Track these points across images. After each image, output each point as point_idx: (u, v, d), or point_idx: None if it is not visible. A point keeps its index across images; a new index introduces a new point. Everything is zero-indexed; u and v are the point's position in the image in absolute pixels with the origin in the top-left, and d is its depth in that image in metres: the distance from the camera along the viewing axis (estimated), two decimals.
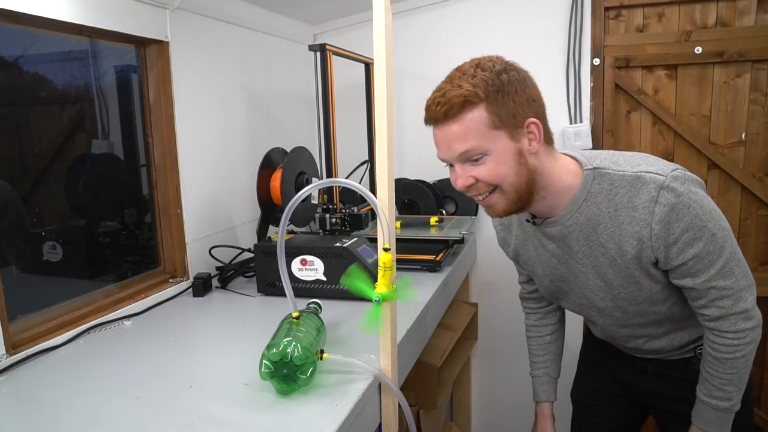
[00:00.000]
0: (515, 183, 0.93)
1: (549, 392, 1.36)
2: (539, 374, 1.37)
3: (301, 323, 0.97)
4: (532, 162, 0.94)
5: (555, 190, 0.98)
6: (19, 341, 1.10)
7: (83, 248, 1.46)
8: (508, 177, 0.93)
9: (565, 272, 1.09)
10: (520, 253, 1.19)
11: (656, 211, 0.92)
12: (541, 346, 1.36)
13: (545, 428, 1.36)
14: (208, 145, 1.62)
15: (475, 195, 0.97)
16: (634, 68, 1.89)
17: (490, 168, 0.92)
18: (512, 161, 0.92)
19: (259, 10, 1.83)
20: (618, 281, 1.03)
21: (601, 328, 1.19)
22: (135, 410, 0.90)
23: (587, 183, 0.98)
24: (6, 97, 1.26)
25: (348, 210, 1.66)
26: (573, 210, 0.99)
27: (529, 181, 0.94)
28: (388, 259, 0.90)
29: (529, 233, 1.13)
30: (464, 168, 0.94)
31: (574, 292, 1.12)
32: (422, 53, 2.10)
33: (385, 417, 1.02)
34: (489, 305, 2.19)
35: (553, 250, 1.08)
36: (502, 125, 0.90)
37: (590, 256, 1.03)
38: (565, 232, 1.02)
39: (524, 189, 0.95)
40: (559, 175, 0.98)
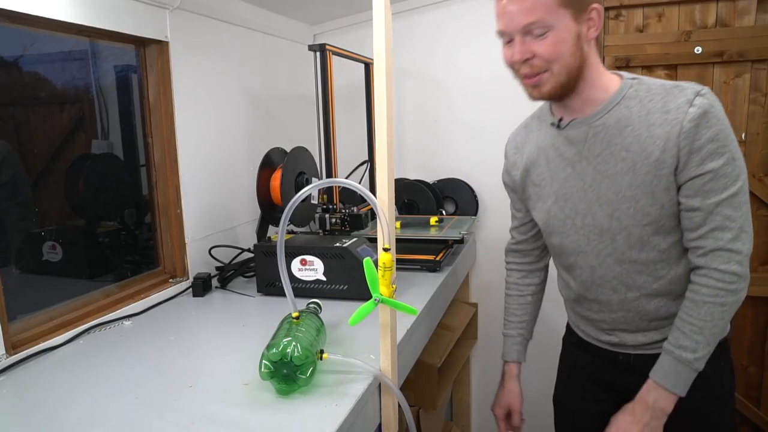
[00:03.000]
0: (568, 64, 0.96)
1: (520, 353, 1.35)
2: (513, 334, 1.35)
3: (301, 323, 0.97)
4: (586, 49, 0.98)
5: (594, 86, 1.01)
6: (18, 341, 1.10)
7: (83, 248, 1.46)
8: (564, 56, 0.96)
9: (574, 186, 1.07)
10: (529, 173, 1.16)
11: (690, 111, 0.93)
12: (520, 305, 1.34)
13: (512, 388, 1.34)
14: (208, 146, 1.62)
15: (526, 72, 0.98)
16: (634, 68, 1.89)
17: (550, 44, 0.94)
18: (571, 42, 0.95)
19: (259, 10, 1.83)
20: (630, 192, 1.01)
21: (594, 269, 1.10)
22: (135, 410, 0.90)
23: (624, 88, 1.01)
24: (6, 97, 1.26)
25: (348, 210, 1.66)
26: (603, 111, 1.01)
27: (579, 66, 0.98)
28: (388, 259, 0.90)
29: (546, 144, 1.11)
30: (524, 41, 0.96)
31: (578, 212, 1.08)
32: (422, 53, 2.10)
33: (385, 417, 1.02)
34: (489, 305, 2.19)
35: (570, 157, 1.07)
36: (569, 5, 0.94)
37: (609, 162, 1.02)
38: (590, 133, 1.03)
39: (573, 73, 0.98)
40: (600, 73, 1.02)
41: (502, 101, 2.03)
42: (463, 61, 2.05)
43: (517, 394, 1.34)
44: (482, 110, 2.06)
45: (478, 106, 2.06)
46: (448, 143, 2.12)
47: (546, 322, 2.13)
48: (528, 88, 1.02)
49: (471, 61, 2.04)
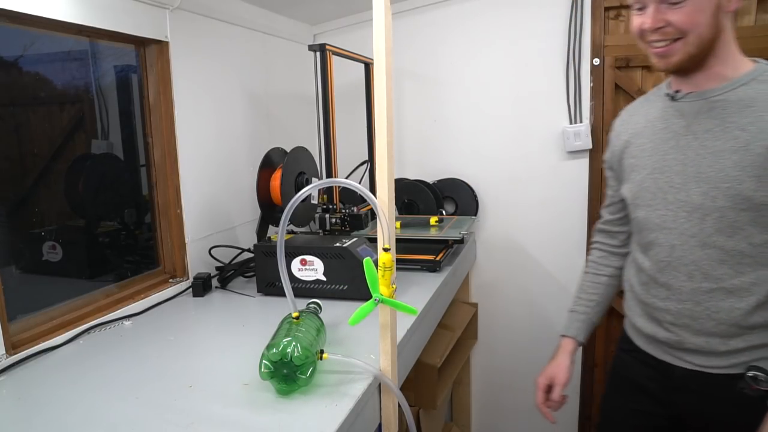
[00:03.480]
0: (703, 35, 0.93)
1: (580, 330, 1.29)
2: (579, 311, 1.30)
3: (301, 323, 0.97)
4: (723, 21, 0.95)
5: (723, 63, 0.98)
6: (18, 341, 1.10)
7: (83, 248, 1.46)
8: (700, 27, 0.93)
9: (674, 159, 1.04)
10: (629, 145, 1.13)
11: None
12: (594, 284, 1.30)
13: (561, 361, 1.27)
14: (208, 146, 1.62)
15: (657, 40, 0.96)
16: (634, 68, 1.89)
17: (687, 12, 0.92)
18: (709, 12, 0.92)
19: (259, 10, 1.83)
20: (735, 172, 0.96)
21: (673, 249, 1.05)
22: (135, 410, 0.90)
23: (756, 71, 0.98)
24: (6, 97, 1.26)
25: (348, 210, 1.66)
26: (726, 88, 0.98)
27: (713, 38, 0.95)
28: (388, 259, 0.90)
29: (655, 116, 1.09)
30: (660, 9, 0.94)
31: (672, 186, 1.04)
32: (422, 53, 2.10)
33: (385, 417, 1.02)
34: (489, 305, 2.19)
35: (677, 130, 1.04)
36: None
37: (719, 138, 0.98)
38: (705, 107, 1.00)
39: (705, 46, 0.95)
40: (733, 52, 0.99)
41: (502, 101, 2.03)
42: (463, 61, 2.05)
43: (564, 368, 1.27)
44: (482, 110, 2.06)
45: (478, 106, 2.06)
46: (448, 143, 2.12)
47: (551, 324, 2.13)
48: (654, 57, 0.99)
49: (471, 61, 2.04)
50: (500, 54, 2.00)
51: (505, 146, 2.05)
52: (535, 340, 2.16)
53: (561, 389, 1.26)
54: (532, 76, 1.97)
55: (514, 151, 2.04)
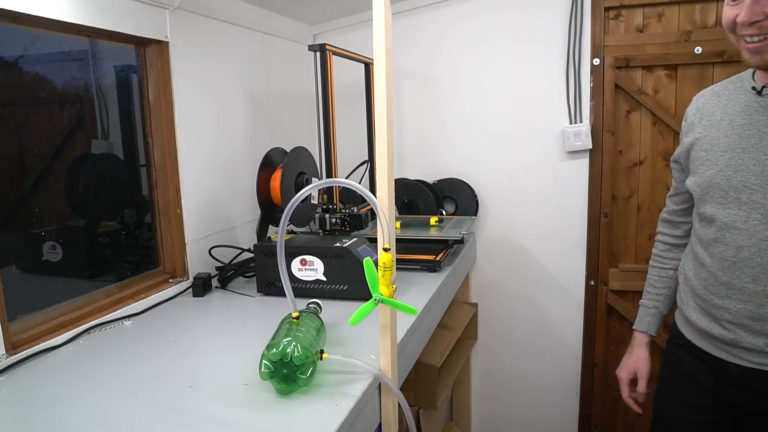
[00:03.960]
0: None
1: (652, 324, 1.30)
2: (649, 305, 1.31)
3: (301, 323, 0.97)
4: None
5: None
6: (18, 341, 1.10)
7: (83, 248, 1.46)
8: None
9: (753, 158, 1.00)
10: (703, 136, 1.10)
11: None
12: (661, 278, 1.29)
13: (641, 355, 1.29)
14: (208, 145, 1.62)
15: (752, 35, 0.91)
16: (634, 68, 1.89)
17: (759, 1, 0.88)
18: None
19: (259, 10, 1.83)
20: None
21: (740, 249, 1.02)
22: (135, 410, 0.90)
23: None
24: (6, 97, 1.26)
25: (348, 210, 1.66)
26: None
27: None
28: (388, 259, 0.90)
29: (736, 110, 1.05)
30: (758, 1, 0.89)
31: (747, 186, 1.01)
32: (422, 53, 2.10)
33: (385, 417, 1.02)
34: (489, 305, 2.19)
35: (761, 127, 1.00)
36: None
37: None
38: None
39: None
40: None
41: (502, 101, 2.03)
42: (463, 61, 2.05)
43: (644, 360, 1.29)
44: (482, 110, 2.06)
45: (478, 106, 2.06)
46: (448, 143, 2.12)
47: (551, 324, 2.13)
48: (747, 53, 0.94)
49: (471, 61, 2.04)
50: (500, 54, 2.00)
51: (505, 146, 2.05)
52: (535, 340, 2.16)
53: (646, 381, 1.29)
54: (532, 76, 1.97)
55: (514, 151, 2.04)
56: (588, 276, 2.04)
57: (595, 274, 2.02)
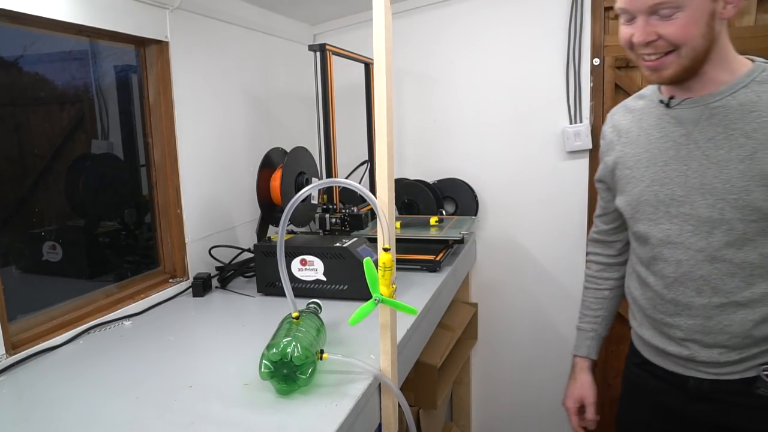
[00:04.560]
0: (697, 47, 0.88)
1: (591, 348, 1.28)
2: (586, 328, 1.29)
3: (301, 323, 0.97)
4: (718, 28, 0.89)
5: (719, 67, 0.92)
6: (18, 341, 1.10)
7: (83, 248, 1.46)
8: (695, 39, 0.87)
9: (675, 170, 0.98)
10: (624, 154, 1.07)
11: None
12: (596, 300, 1.27)
13: (585, 380, 1.27)
14: (208, 145, 1.62)
15: (648, 54, 0.91)
16: (634, 68, 1.89)
17: (680, 25, 0.86)
18: (703, 22, 0.86)
19: (259, 10, 1.83)
20: (743, 182, 0.91)
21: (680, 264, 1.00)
22: (135, 410, 0.90)
23: (755, 71, 0.92)
24: (6, 97, 1.26)
25: (348, 210, 1.66)
26: (726, 92, 0.92)
27: (708, 48, 0.89)
28: (388, 259, 0.90)
29: (650, 124, 1.03)
30: (649, 22, 0.88)
31: (675, 198, 0.99)
32: (422, 53, 2.10)
33: (385, 417, 1.02)
34: (489, 305, 2.19)
35: (676, 139, 0.98)
36: None
37: (722, 147, 0.92)
38: (705, 114, 0.94)
39: (700, 57, 0.89)
40: (728, 52, 0.93)
41: (502, 101, 2.03)
42: (463, 61, 2.05)
43: (588, 386, 1.26)
44: (482, 110, 2.06)
45: (478, 106, 2.06)
46: (448, 143, 2.12)
47: (551, 324, 2.13)
48: (646, 70, 0.94)
49: (471, 61, 2.04)
50: (500, 54, 2.00)
51: (505, 146, 2.05)
52: (535, 340, 2.16)
53: (594, 408, 1.26)
54: (532, 76, 1.97)
55: (514, 151, 2.04)
56: None
57: None
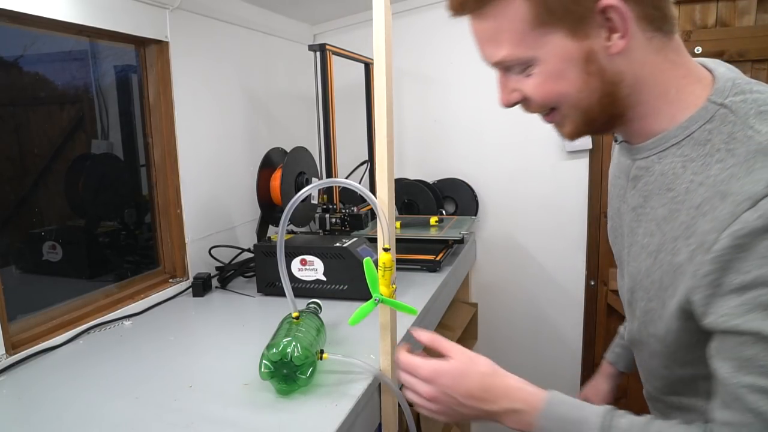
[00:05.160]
0: (580, 103, 0.64)
1: (618, 357, 1.12)
2: (621, 332, 1.14)
3: (300, 323, 0.97)
4: (614, 67, 0.61)
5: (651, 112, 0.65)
6: (18, 341, 1.10)
7: (83, 248, 1.46)
8: (567, 96, 0.64)
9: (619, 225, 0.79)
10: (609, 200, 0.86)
11: (744, 217, 0.54)
12: None
13: (598, 386, 1.13)
14: (208, 145, 1.62)
15: (532, 112, 0.72)
16: None
17: (537, 83, 0.64)
18: (574, 72, 0.62)
19: (259, 10, 1.83)
20: (647, 281, 0.69)
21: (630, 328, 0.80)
22: (134, 410, 0.90)
23: (696, 120, 0.62)
24: (6, 97, 1.26)
25: (348, 210, 1.66)
26: (653, 149, 0.66)
27: (605, 96, 0.63)
28: (388, 259, 0.90)
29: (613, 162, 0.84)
30: (507, 78, 0.69)
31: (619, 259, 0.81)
32: (422, 53, 2.10)
33: (385, 417, 1.02)
34: (489, 305, 2.19)
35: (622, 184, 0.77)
36: (554, 20, 0.60)
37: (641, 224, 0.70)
38: (633, 172, 0.71)
39: (595, 109, 0.64)
40: (666, 92, 0.63)
41: None
42: (462, 60, 2.05)
43: (598, 391, 1.13)
44: (482, 110, 2.06)
45: (478, 106, 2.06)
46: (448, 143, 2.12)
47: (551, 324, 2.13)
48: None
49: (471, 61, 2.04)
50: None
51: (505, 146, 2.05)
52: (535, 340, 2.16)
53: None
54: None
55: (514, 151, 2.04)
56: (588, 276, 2.04)
57: (595, 274, 2.02)
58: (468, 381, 0.78)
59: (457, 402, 0.77)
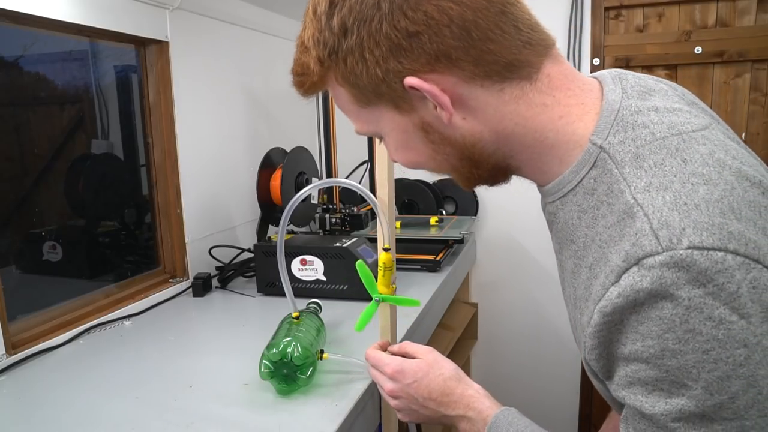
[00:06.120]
0: (441, 166, 0.62)
1: None
2: None
3: (301, 323, 0.97)
4: (461, 132, 0.57)
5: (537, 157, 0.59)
6: (18, 341, 1.10)
7: (83, 248, 1.46)
8: (424, 163, 0.63)
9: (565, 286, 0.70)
10: None
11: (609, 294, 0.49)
12: None
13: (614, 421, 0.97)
14: (208, 145, 1.62)
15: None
16: (634, 68, 1.88)
17: (393, 152, 0.65)
18: (417, 141, 0.60)
19: (259, 10, 1.83)
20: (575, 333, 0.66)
21: None
22: (135, 410, 0.90)
23: (582, 165, 0.56)
24: (6, 97, 1.26)
25: (348, 210, 1.66)
26: (556, 193, 0.60)
27: (465, 158, 0.60)
28: (388, 259, 0.90)
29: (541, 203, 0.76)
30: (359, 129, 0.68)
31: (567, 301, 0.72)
32: None
33: (385, 417, 1.02)
34: (489, 305, 2.19)
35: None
36: (375, 100, 0.58)
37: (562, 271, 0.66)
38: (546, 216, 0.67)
39: (465, 168, 0.62)
40: (542, 135, 0.57)
41: None
42: None
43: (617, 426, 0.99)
44: None
45: None
46: None
47: (551, 324, 2.13)
48: None
49: None
50: None
51: None
52: (536, 340, 2.16)
53: None
54: None
55: None
56: None
57: None
58: (429, 382, 0.80)
59: (416, 402, 0.80)
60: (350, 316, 1.23)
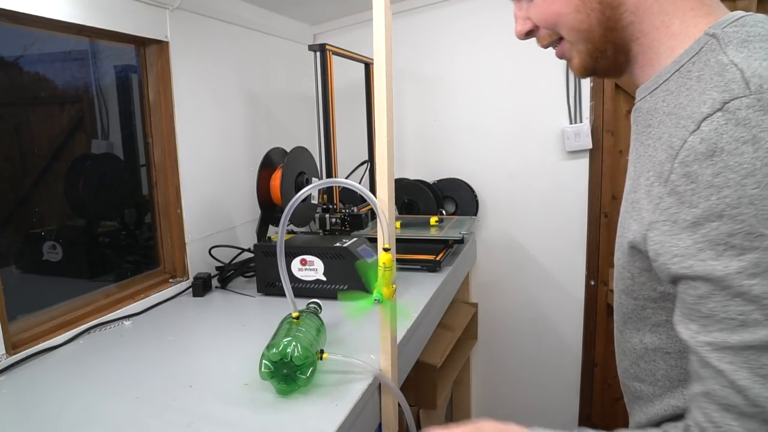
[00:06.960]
0: (579, 27, 0.64)
1: None
2: None
3: (301, 323, 0.97)
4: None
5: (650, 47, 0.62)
6: (18, 341, 1.10)
7: (83, 248, 1.46)
8: (565, 16, 0.64)
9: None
10: None
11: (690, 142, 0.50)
12: None
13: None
14: (208, 145, 1.62)
15: (544, 45, 0.71)
16: None
17: (538, 5, 0.66)
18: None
19: (259, 10, 1.83)
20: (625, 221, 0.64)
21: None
22: (134, 410, 0.90)
23: (688, 54, 0.57)
24: (6, 97, 1.26)
25: (348, 210, 1.66)
26: (650, 87, 0.62)
27: (604, 19, 0.62)
28: (388, 259, 0.90)
29: None
30: (519, 7, 0.70)
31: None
32: (422, 53, 2.10)
33: (385, 417, 1.02)
34: (489, 305, 2.19)
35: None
36: None
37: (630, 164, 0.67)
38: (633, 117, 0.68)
39: (597, 35, 0.63)
40: (669, 19, 0.59)
41: (502, 101, 2.03)
42: (462, 60, 2.05)
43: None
44: (482, 110, 2.06)
45: (478, 105, 2.06)
46: (448, 143, 2.12)
47: (551, 324, 2.13)
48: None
49: (471, 61, 2.04)
50: (500, 53, 2.00)
51: (505, 146, 2.05)
52: (535, 340, 2.16)
53: None
54: (532, 76, 1.97)
55: (514, 151, 2.04)
56: (588, 276, 2.04)
57: (595, 273, 2.02)
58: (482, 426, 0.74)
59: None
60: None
